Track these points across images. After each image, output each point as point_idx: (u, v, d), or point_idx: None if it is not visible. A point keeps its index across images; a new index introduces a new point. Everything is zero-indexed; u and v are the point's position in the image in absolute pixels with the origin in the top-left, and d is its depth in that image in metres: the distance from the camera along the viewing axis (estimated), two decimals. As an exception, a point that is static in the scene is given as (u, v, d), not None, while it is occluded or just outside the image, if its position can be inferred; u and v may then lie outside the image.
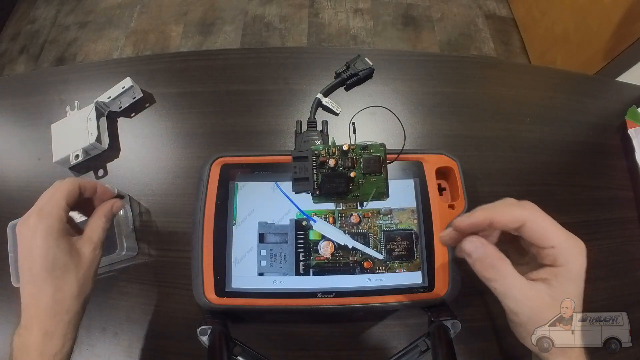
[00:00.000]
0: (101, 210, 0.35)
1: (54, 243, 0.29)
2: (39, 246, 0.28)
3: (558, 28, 1.32)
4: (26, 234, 0.29)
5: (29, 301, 0.29)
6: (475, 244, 0.25)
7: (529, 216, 0.25)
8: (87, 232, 0.33)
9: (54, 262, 0.29)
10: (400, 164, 0.42)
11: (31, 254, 0.29)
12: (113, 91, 0.51)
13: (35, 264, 0.29)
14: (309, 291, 0.39)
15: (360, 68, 0.55)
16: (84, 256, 0.31)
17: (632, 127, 0.53)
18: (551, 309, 0.24)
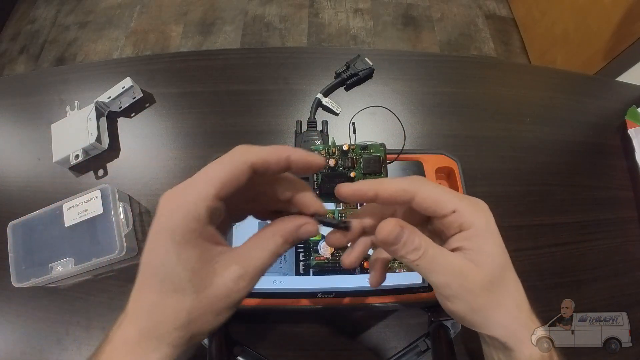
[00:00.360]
0: (280, 226, 0.22)
1: (174, 249, 0.19)
2: (157, 247, 0.20)
3: (558, 28, 1.32)
4: (154, 227, 0.20)
5: (131, 298, 0.21)
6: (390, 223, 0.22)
7: (418, 187, 0.23)
8: (243, 250, 0.21)
9: (166, 274, 0.20)
10: (400, 164, 0.42)
11: (150, 250, 0.20)
12: (113, 91, 0.51)
13: (149, 264, 0.20)
14: (309, 291, 0.39)
15: (360, 68, 0.55)
16: (217, 282, 0.20)
17: (632, 127, 0.53)
18: (476, 272, 0.22)
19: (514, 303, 0.23)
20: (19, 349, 0.42)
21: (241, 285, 0.21)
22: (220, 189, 0.20)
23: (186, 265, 0.19)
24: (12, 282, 0.42)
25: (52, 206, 0.45)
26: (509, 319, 0.22)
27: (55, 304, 0.44)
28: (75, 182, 0.50)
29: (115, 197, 0.44)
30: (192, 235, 0.19)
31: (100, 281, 0.45)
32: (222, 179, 0.20)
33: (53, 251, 0.43)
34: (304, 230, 0.22)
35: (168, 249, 0.19)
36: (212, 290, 0.20)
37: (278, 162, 0.21)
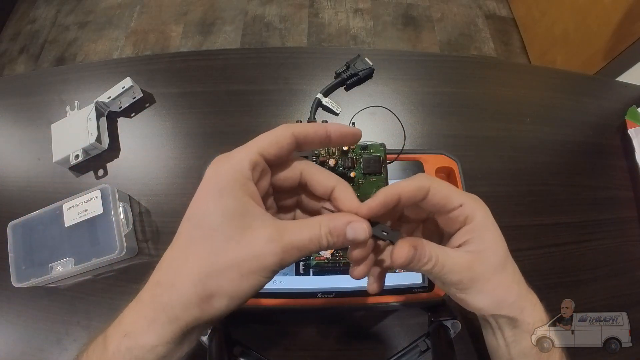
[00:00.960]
0: (329, 216, 0.21)
1: (214, 195, 0.19)
2: (199, 198, 0.20)
3: (558, 28, 1.32)
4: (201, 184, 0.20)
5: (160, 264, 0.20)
6: (404, 248, 0.22)
7: (430, 182, 0.24)
8: (286, 223, 0.20)
9: (199, 220, 0.20)
10: (400, 164, 0.42)
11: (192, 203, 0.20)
12: (113, 91, 0.51)
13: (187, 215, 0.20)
14: (309, 291, 0.39)
15: (360, 68, 0.55)
16: (249, 238, 0.19)
17: (632, 127, 0.53)
18: (482, 262, 0.24)
19: (514, 281, 0.25)
20: (19, 349, 0.42)
21: (273, 249, 0.19)
22: (263, 148, 0.21)
23: (224, 212, 0.19)
24: (12, 282, 0.42)
25: (52, 206, 0.45)
26: (513, 295, 0.25)
27: (55, 304, 0.44)
28: (75, 182, 0.50)
29: (115, 197, 0.44)
30: (234, 185, 0.19)
31: (100, 281, 0.45)
32: (266, 140, 0.21)
33: (53, 251, 0.43)
34: (352, 227, 0.21)
35: (208, 196, 0.19)
36: (243, 245, 0.19)
37: (317, 132, 0.22)
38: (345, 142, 0.23)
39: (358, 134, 0.23)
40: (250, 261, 0.19)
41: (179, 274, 0.19)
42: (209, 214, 0.19)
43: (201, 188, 0.20)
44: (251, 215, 0.19)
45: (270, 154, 0.21)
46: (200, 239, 0.19)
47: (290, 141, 0.21)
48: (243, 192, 0.20)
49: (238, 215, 0.19)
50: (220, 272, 0.18)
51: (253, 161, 0.20)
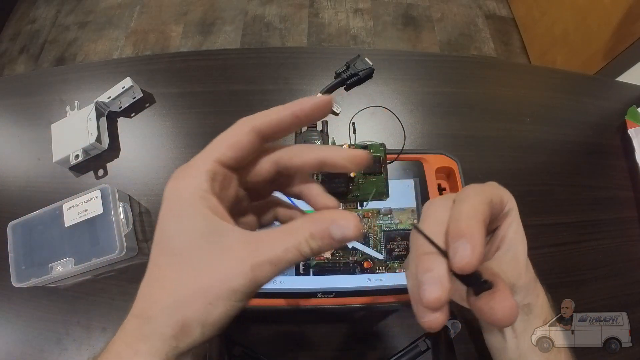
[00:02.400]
0: (312, 217, 0.18)
1: (174, 216, 0.18)
2: (161, 220, 0.18)
3: (558, 28, 1.32)
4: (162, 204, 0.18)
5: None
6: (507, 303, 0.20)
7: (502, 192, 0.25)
8: (259, 235, 0.18)
9: (163, 244, 0.18)
10: (400, 164, 0.42)
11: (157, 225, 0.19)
12: (113, 91, 0.51)
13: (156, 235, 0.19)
14: (309, 291, 0.38)
15: (360, 68, 0.55)
16: (214, 260, 0.17)
17: (632, 127, 0.53)
18: (518, 271, 0.26)
19: (528, 268, 0.27)
20: (19, 349, 0.42)
21: (241, 269, 0.17)
22: (221, 154, 0.19)
23: (186, 234, 0.17)
24: (12, 282, 0.42)
25: (52, 206, 0.45)
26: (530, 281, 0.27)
27: (55, 304, 0.44)
28: (75, 182, 0.50)
29: (115, 197, 0.44)
30: (194, 202, 0.18)
31: (100, 281, 0.45)
32: (223, 144, 0.19)
33: (53, 251, 0.43)
34: (338, 226, 0.17)
35: (169, 219, 0.18)
36: (210, 267, 0.17)
37: (281, 118, 0.19)
38: (316, 116, 0.20)
39: (328, 101, 0.20)
40: (217, 286, 0.17)
41: (153, 305, 0.18)
42: (174, 238, 0.18)
43: (162, 209, 0.18)
44: (217, 233, 0.17)
45: (231, 159, 0.19)
46: (167, 266, 0.18)
47: (250, 138, 0.19)
48: (205, 207, 0.18)
49: (203, 235, 0.17)
50: (189, 301, 0.17)
51: (211, 172, 0.18)
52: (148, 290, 0.18)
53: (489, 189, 0.23)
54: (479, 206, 0.21)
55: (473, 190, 0.22)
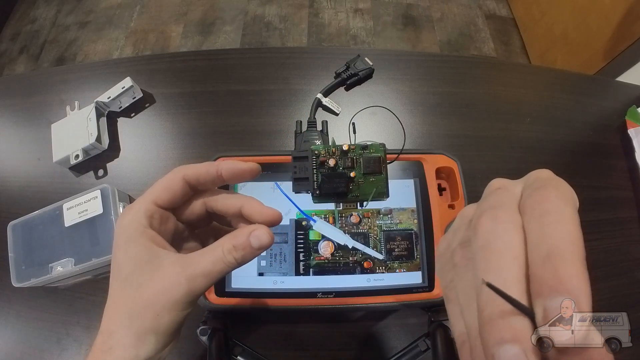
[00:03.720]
0: (233, 233, 0.22)
1: (122, 246, 0.22)
2: (114, 251, 0.22)
3: (558, 28, 1.32)
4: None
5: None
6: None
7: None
8: (191, 255, 0.22)
9: (116, 270, 0.22)
10: (400, 164, 0.42)
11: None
12: (113, 91, 0.51)
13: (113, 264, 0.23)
14: (309, 291, 0.39)
15: (360, 68, 0.55)
16: (157, 277, 0.21)
17: (632, 127, 0.53)
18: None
19: None
20: (19, 349, 0.42)
21: (177, 281, 0.21)
22: (156, 197, 0.22)
23: (132, 260, 0.21)
24: (12, 282, 0.42)
25: (52, 206, 0.45)
26: None
27: (55, 304, 0.44)
28: (75, 182, 0.50)
29: (115, 197, 0.44)
30: (135, 234, 0.22)
31: (100, 281, 0.45)
32: (158, 189, 0.23)
33: (53, 251, 0.43)
34: (255, 236, 0.22)
35: (119, 249, 0.22)
36: (152, 284, 0.21)
37: (208, 172, 0.23)
38: (239, 179, 0.24)
39: (255, 169, 0.24)
40: (160, 299, 0.21)
41: (112, 321, 0.21)
42: (122, 265, 0.22)
43: (114, 242, 0.22)
44: (157, 258, 0.21)
45: (165, 201, 0.23)
46: (120, 289, 0.22)
47: (181, 185, 0.23)
48: (145, 238, 0.22)
49: (145, 261, 0.21)
50: (139, 314, 0.21)
51: (148, 210, 0.22)
52: (108, 310, 0.22)
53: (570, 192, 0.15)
54: (576, 229, 0.13)
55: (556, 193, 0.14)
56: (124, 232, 0.22)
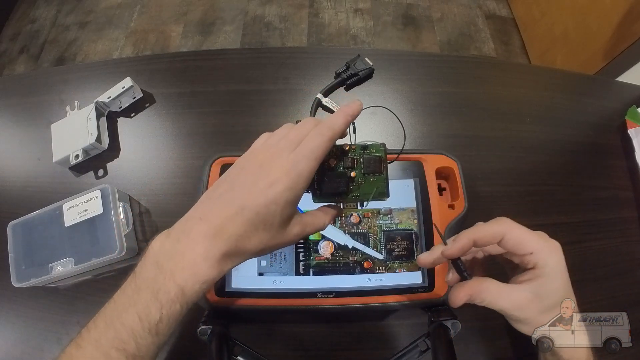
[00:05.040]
0: (331, 207, 0.30)
1: (284, 204, 0.25)
2: (274, 198, 0.24)
3: (558, 28, 1.32)
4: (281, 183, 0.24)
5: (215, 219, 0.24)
6: (460, 294, 0.29)
7: (505, 229, 0.29)
8: (305, 217, 0.28)
9: (267, 216, 0.25)
10: (400, 164, 0.42)
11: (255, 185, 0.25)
12: (113, 91, 0.51)
13: (256, 205, 0.24)
14: (309, 291, 0.39)
15: (360, 68, 0.55)
16: (287, 231, 0.26)
17: (632, 127, 0.53)
18: (534, 303, 0.28)
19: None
20: (19, 349, 0.42)
21: (297, 238, 0.28)
22: (319, 163, 0.26)
23: (282, 216, 0.25)
24: (12, 282, 0.42)
25: (52, 206, 0.45)
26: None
27: (55, 304, 0.44)
28: (75, 182, 0.50)
29: (115, 197, 0.44)
30: (298, 198, 0.26)
31: (100, 281, 0.45)
32: (324, 154, 0.26)
33: (53, 251, 0.43)
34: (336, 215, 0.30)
35: (279, 200, 0.24)
36: (284, 234, 0.26)
37: (348, 125, 0.28)
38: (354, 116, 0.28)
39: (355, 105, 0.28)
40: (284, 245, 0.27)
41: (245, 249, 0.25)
42: (275, 215, 0.25)
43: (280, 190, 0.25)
44: (292, 218, 0.27)
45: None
46: (262, 229, 0.25)
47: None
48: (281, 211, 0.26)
49: (289, 219, 0.27)
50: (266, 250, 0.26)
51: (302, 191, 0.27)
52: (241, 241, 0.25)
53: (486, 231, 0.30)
54: (471, 235, 0.29)
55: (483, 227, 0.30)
56: (295, 195, 0.25)
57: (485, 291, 0.29)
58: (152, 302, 0.23)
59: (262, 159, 0.26)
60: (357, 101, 0.28)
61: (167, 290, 0.23)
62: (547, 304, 0.29)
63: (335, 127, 0.27)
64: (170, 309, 0.23)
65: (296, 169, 0.25)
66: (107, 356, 0.23)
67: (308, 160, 0.25)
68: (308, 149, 0.25)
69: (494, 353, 0.42)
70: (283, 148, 0.26)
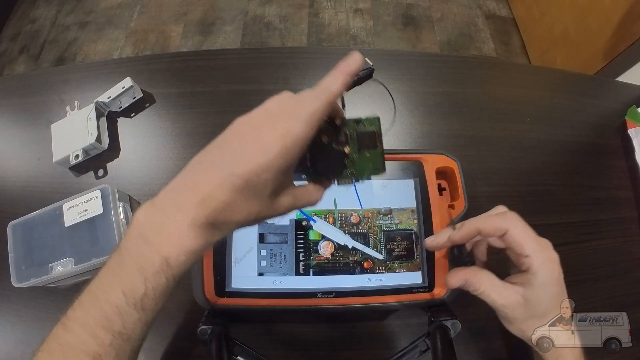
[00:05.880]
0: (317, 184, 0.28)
1: (274, 172, 0.23)
2: (263, 167, 0.22)
3: (558, 28, 1.32)
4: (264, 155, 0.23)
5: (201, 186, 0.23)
6: (456, 276, 0.31)
7: (509, 225, 0.29)
8: (297, 189, 0.27)
9: (258, 184, 0.23)
10: (400, 164, 0.42)
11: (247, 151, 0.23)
12: (113, 91, 0.51)
13: (245, 171, 0.22)
14: (309, 291, 0.38)
15: (360, 68, 0.54)
16: (279, 202, 0.25)
17: (632, 127, 0.53)
18: (522, 306, 0.29)
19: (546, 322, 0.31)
20: (19, 349, 0.42)
21: (287, 211, 0.26)
22: (316, 129, 0.25)
23: (274, 185, 0.24)
24: (12, 282, 0.42)
25: (52, 206, 0.45)
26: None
27: (55, 304, 0.44)
28: (75, 182, 0.50)
29: (115, 197, 0.44)
30: (292, 166, 0.24)
31: (100, 281, 0.45)
32: (320, 120, 0.25)
33: (53, 251, 0.43)
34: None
35: (271, 168, 0.23)
36: (275, 206, 0.25)
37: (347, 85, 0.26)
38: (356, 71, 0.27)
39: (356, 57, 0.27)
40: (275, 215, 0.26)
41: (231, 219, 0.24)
42: (266, 182, 0.23)
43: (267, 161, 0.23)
44: (284, 188, 0.26)
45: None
46: (252, 197, 0.23)
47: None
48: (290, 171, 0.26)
49: (281, 188, 0.25)
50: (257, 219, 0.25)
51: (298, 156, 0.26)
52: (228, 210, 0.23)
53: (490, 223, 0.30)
54: (478, 223, 0.31)
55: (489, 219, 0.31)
56: (286, 163, 0.23)
57: (480, 281, 0.30)
58: (136, 276, 0.22)
59: (257, 123, 0.25)
60: (353, 54, 0.26)
61: (151, 263, 0.22)
62: (533, 311, 0.29)
63: (332, 89, 0.25)
64: (156, 282, 0.22)
65: (291, 134, 0.23)
66: (94, 337, 0.22)
67: (304, 125, 0.23)
68: (304, 113, 0.24)
69: (493, 353, 0.42)
70: (279, 112, 0.25)
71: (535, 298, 0.29)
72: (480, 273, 0.30)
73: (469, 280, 0.30)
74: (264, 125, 0.24)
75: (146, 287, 0.22)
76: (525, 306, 0.29)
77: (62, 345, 0.23)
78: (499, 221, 0.29)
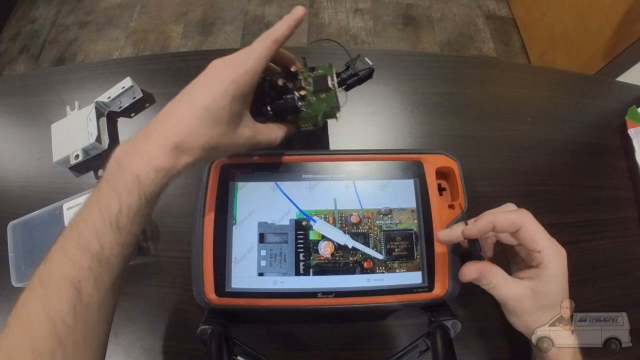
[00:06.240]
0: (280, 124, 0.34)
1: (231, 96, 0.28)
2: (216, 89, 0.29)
3: (558, 28, 1.32)
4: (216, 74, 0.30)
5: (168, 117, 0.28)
6: (471, 269, 0.31)
7: (524, 221, 0.30)
8: (260, 126, 0.32)
9: (216, 109, 0.28)
10: (400, 164, 0.42)
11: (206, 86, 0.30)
12: (113, 91, 0.51)
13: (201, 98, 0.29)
14: (309, 291, 0.38)
15: (360, 68, 0.54)
16: (239, 132, 0.30)
17: (632, 127, 0.53)
18: (530, 299, 0.30)
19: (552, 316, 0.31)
20: (19, 349, 0.42)
21: (248, 143, 0.31)
22: (265, 64, 0.30)
23: (232, 110, 0.29)
24: (12, 282, 0.42)
25: (52, 206, 0.45)
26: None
27: (55, 304, 0.44)
28: (75, 182, 0.50)
29: (115, 197, 0.44)
30: (246, 95, 0.29)
31: (100, 281, 0.45)
32: (268, 55, 0.30)
33: (53, 251, 0.43)
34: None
35: (226, 94, 0.28)
36: (235, 135, 0.30)
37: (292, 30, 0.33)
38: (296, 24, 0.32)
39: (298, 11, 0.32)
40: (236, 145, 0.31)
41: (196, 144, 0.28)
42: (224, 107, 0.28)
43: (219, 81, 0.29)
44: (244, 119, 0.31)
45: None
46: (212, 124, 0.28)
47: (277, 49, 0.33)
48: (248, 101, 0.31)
49: (239, 117, 0.30)
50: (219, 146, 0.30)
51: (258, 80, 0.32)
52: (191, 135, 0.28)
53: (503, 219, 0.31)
54: (493, 218, 0.31)
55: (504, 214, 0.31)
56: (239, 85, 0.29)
57: (493, 274, 0.31)
58: (111, 194, 0.25)
59: (220, 63, 0.30)
60: (298, 7, 0.32)
61: (124, 181, 0.25)
62: (542, 302, 0.30)
63: (278, 31, 0.31)
64: (129, 198, 0.25)
65: (243, 65, 0.29)
66: (72, 261, 0.24)
67: (254, 59, 0.29)
68: (254, 50, 0.30)
69: (493, 353, 0.42)
70: (236, 55, 0.30)
71: (545, 290, 0.30)
72: (493, 267, 0.31)
73: (483, 273, 0.31)
74: (223, 65, 0.30)
75: (120, 204, 0.25)
76: (534, 299, 0.30)
77: (42, 278, 0.24)
78: (515, 217, 0.30)
